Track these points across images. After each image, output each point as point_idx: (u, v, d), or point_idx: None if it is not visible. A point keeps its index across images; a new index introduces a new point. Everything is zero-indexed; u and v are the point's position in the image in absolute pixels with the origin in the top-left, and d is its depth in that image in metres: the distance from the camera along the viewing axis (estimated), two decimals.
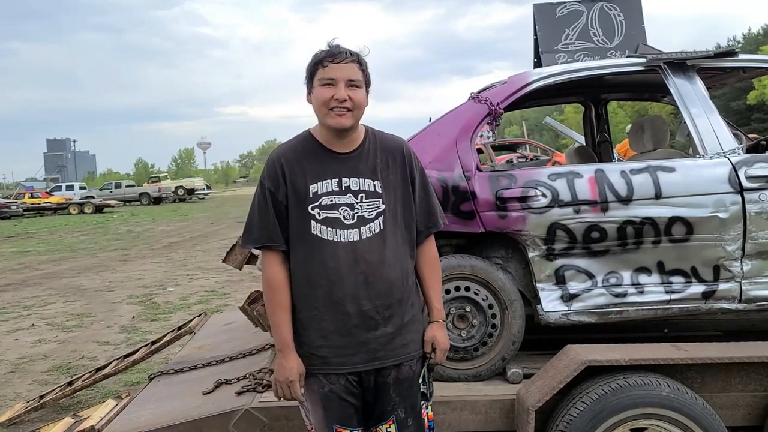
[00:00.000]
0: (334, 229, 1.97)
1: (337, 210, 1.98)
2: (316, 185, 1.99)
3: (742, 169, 2.96)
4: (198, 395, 3.12)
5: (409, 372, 2.05)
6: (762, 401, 2.64)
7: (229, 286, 9.07)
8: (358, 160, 2.02)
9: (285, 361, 2.00)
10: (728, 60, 3.28)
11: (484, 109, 3.13)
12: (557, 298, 3.01)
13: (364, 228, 1.98)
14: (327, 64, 1.95)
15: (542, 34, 3.84)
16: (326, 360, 2.00)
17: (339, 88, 1.94)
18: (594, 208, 2.94)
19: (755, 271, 2.99)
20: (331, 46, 1.98)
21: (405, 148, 2.10)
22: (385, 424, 2.05)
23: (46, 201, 34.71)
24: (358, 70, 1.97)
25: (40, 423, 4.09)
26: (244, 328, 4.16)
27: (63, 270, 11.80)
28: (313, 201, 1.98)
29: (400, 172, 2.06)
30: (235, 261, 3.85)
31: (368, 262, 1.97)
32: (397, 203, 2.03)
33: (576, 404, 2.51)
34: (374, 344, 1.99)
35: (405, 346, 2.04)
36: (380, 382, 2.02)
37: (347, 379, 2.00)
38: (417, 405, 2.07)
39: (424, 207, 2.10)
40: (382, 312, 1.99)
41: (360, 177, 2.01)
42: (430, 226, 2.12)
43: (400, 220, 2.04)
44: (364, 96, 1.99)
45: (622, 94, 4.56)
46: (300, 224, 1.99)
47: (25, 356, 5.98)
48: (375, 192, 2.00)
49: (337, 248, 1.96)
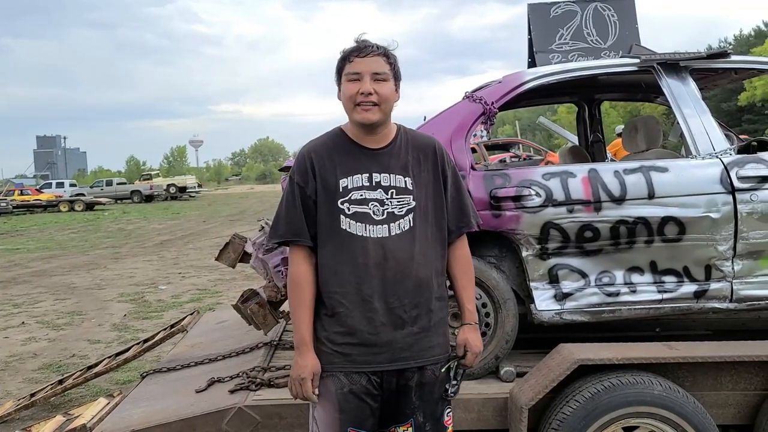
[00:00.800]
0: (364, 224, 1.94)
1: (366, 205, 1.95)
2: (346, 180, 1.96)
3: (734, 169, 2.99)
4: (191, 393, 3.11)
5: (432, 377, 2.00)
6: (752, 400, 2.67)
7: (222, 285, 9.04)
8: (390, 156, 1.99)
9: (300, 358, 1.97)
10: (720, 61, 3.31)
11: (479, 108, 3.14)
12: (550, 297, 3.02)
13: (394, 224, 1.95)
14: (353, 58, 1.93)
15: (536, 33, 3.86)
16: (351, 358, 1.95)
17: (364, 82, 1.91)
18: (587, 207, 2.96)
19: (746, 270, 3.01)
20: (357, 41, 1.96)
21: (437, 146, 2.07)
22: (403, 426, 2.01)
23: (36, 198, 34.46)
24: (385, 63, 1.94)
25: (30, 421, 4.06)
26: (237, 326, 4.15)
27: (53, 268, 11.74)
28: (343, 195, 1.95)
29: (432, 170, 2.03)
30: (228, 259, 3.85)
31: (397, 258, 1.93)
32: (428, 201, 2.00)
33: (569, 403, 2.53)
34: (400, 344, 1.95)
35: (430, 349, 2.00)
36: (402, 384, 1.98)
37: (369, 379, 1.95)
38: (437, 411, 2.02)
39: (457, 206, 2.07)
40: (410, 311, 1.95)
41: (391, 173, 1.97)
42: (462, 225, 2.08)
43: (431, 218, 2.01)
44: (391, 90, 1.95)
45: (615, 94, 4.58)
46: (329, 219, 1.96)
47: (15, 354, 5.94)
48: (406, 188, 1.97)
49: (366, 244, 1.93)
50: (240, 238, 3.78)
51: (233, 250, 3.77)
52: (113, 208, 32.97)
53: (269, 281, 3.26)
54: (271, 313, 3.24)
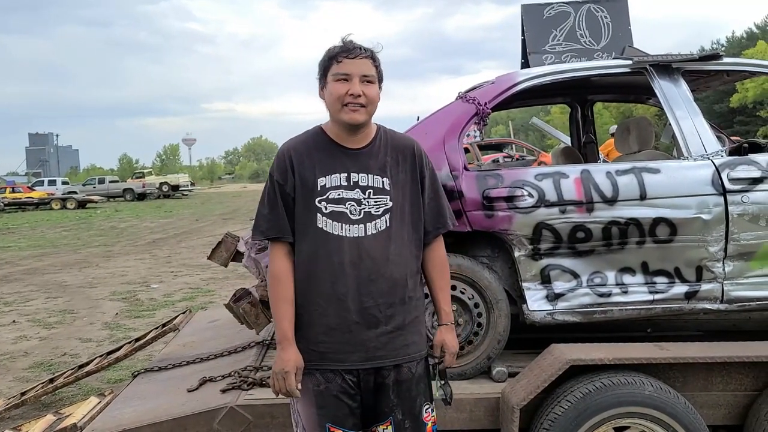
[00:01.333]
0: (340, 224, 1.96)
1: (344, 204, 1.97)
2: (324, 179, 1.99)
3: (725, 171, 3.00)
4: (182, 393, 3.10)
5: (408, 374, 2.02)
6: (742, 401, 2.68)
7: (214, 283, 9.02)
8: (369, 157, 2.02)
9: (283, 353, 1.98)
10: (712, 63, 3.32)
11: (472, 108, 3.14)
12: (542, 298, 3.03)
13: (370, 224, 1.97)
14: (341, 59, 1.94)
15: (530, 34, 3.87)
16: (324, 356, 1.98)
17: (353, 84, 1.93)
18: (579, 208, 2.96)
19: (737, 272, 3.03)
20: (345, 41, 1.98)
21: (416, 147, 2.10)
22: (383, 425, 2.03)
23: (27, 196, 34.26)
24: (372, 66, 1.97)
25: (21, 420, 4.03)
26: (229, 325, 4.14)
27: (45, 266, 11.68)
28: (321, 194, 1.98)
29: (410, 171, 2.05)
30: (220, 258, 3.84)
31: (372, 258, 1.95)
32: (405, 201, 2.03)
33: (560, 403, 2.53)
34: (374, 343, 1.97)
35: (405, 347, 2.02)
36: (379, 383, 2.00)
37: (344, 378, 1.97)
38: (415, 408, 2.04)
39: (434, 207, 2.09)
40: (384, 310, 1.97)
41: (369, 173, 2.00)
42: (439, 226, 2.10)
43: (407, 219, 2.03)
44: (377, 92, 1.99)
45: (608, 95, 4.59)
46: (306, 217, 1.98)
47: (5, 353, 5.90)
48: (383, 189, 2.00)
49: (341, 243, 1.95)
50: (232, 237, 3.77)
51: (226, 249, 3.77)
52: (105, 206, 32.84)
53: (261, 280, 3.25)
54: (263, 312, 3.23)
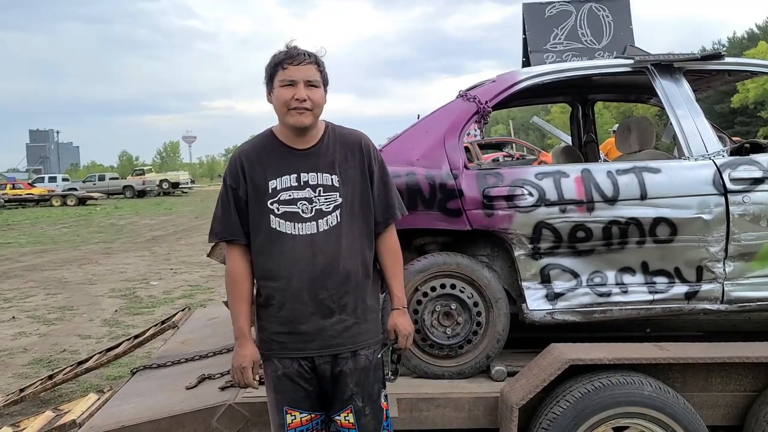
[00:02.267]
0: (293, 223, 2.05)
1: (295, 204, 2.06)
2: (275, 181, 2.07)
3: (727, 171, 3.00)
4: (181, 390, 3.10)
5: (365, 361, 2.12)
6: (742, 401, 2.68)
7: (213, 281, 9.01)
8: (317, 156, 2.10)
9: (240, 349, 2.12)
10: (714, 63, 3.32)
11: (473, 107, 3.14)
12: (542, 297, 3.02)
13: (322, 221, 2.06)
14: (286, 66, 2.02)
15: (531, 33, 3.85)
16: (284, 345, 2.09)
17: (299, 89, 2.02)
18: (580, 207, 2.96)
19: (737, 272, 3.02)
20: (289, 47, 2.06)
21: (363, 141, 2.17)
22: (344, 412, 2.13)
23: (28, 192, 34.29)
24: (316, 71, 2.05)
25: (19, 417, 4.03)
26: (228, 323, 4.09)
27: (44, 262, 11.68)
28: (272, 196, 2.07)
29: (359, 166, 2.13)
30: (219, 256, 3.82)
31: (325, 253, 2.04)
32: (354, 196, 2.11)
33: (559, 402, 2.53)
34: (330, 331, 2.07)
35: (360, 335, 2.11)
36: (337, 371, 2.10)
37: (300, 363, 2.09)
38: (374, 394, 2.15)
39: (382, 199, 2.17)
40: (338, 301, 2.07)
41: (318, 171, 2.08)
42: (388, 217, 2.19)
43: (357, 213, 2.11)
44: (322, 95, 2.07)
45: (609, 94, 4.59)
46: (259, 218, 2.08)
47: (5, 349, 5.90)
48: (332, 186, 2.08)
49: (295, 241, 2.05)
50: None
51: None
52: (105, 203, 32.83)
53: None
54: None
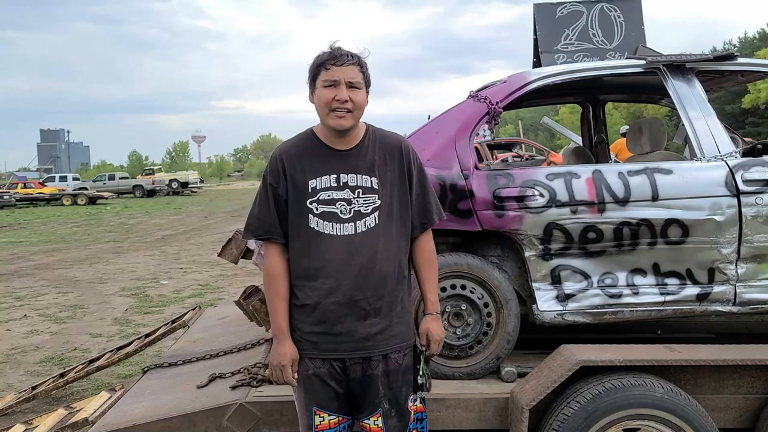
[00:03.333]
0: (331, 223, 2.05)
1: (334, 205, 2.06)
2: (314, 181, 2.07)
3: (739, 172, 2.98)
4: (192, 389, 3.12)
5: (395, 365, 2.11)
6: (754, 404, 2.66)
7: (223, 280, 9.05)
8: (357, 157, 2.10)
9: (279, 346, 2.11)
10: (727, 63, 3.30)
11: (484, 107, 3.13)
12: (553, 298, 3.02)
13: (360, 222, 2.05)
14: (329, 66, 2.02)
15: (542, 33, 3.85)
16: (317, 345, 2.09)
17: (340, 90, 2.01)
18: (591, 208, 2.95)
19: (750, 274, 3.00)
20: (332, 48, 2.06)
21: (403, 145, 2.18)
22: (373, 416, 2.12)
23: (38, 191, 34.56)
24: (359, 72, 2.05)
25: (32, 414, 4.06)
26: (238, 322, 4.15)
27: (55, 261, 11.76)
28: (312, 196, 2.06)
29: (398, 169, 2.13)
30: (230, 255, 3.85)
31: (362, 255, 2.04)
32: (393, 199, 2.10)
33: (570, 404, 2.53)
34: (363, 333, 2.07)
35: (393, 338, 2.11)
36: (368, 374, 2.09)
37: (331, 364, 2.08)
38: (401, 396, 2.14)
39: (420, 203, 2.17)
40: (373, 303, 2.06)
41: (358, 173, 2.08)
42: (425, 221, 2.18)
43: (395, 216, 2.11)
44: (364, 97, 2.07)
45: (620, 95, 4.56)
46: (298, 218, 2.07)
47: (17, 347, 5.95)
48: (371, 188, 2.08)
49: (332, 241, 2.04)
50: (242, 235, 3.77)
51: (236, 246, 3.77)
52: (115, 203, 33.01)
53: None
54: None
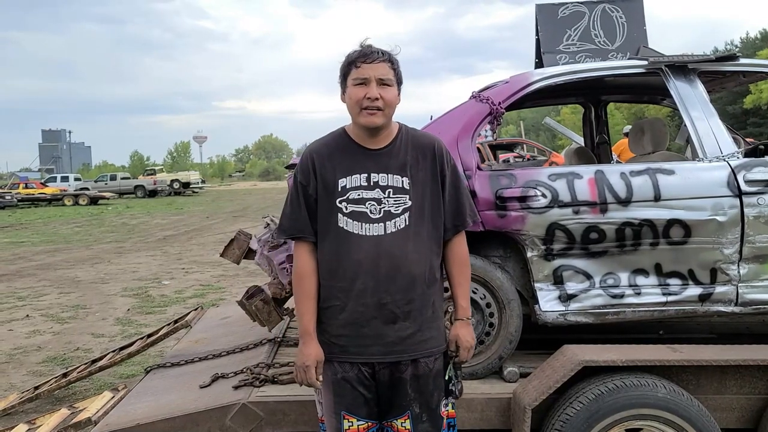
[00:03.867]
0: (360, 223, 2.02)
1: (364, 204, 2.03)
2: (345, 180, 2.05)
3: (741, 173, 2.98)
4: (195, 389, 3.12)
5: (425, 369, 2.07)
6: (756, 404, 2.66)
7: (225, 281, 9.06)
8: (389, 157, 2.07)
9: (304, 347, 2.06)
10: (729, 64, 3.30)
11: (486, 108, 3.14)
12: (555, 298, 3.02)
13: (390, 223, 2.02)
14: (360, 64, 2.00)
15: (544, 34, 3.85)
16: (345, 348, 2.05)
17: (371, 87, 1.99)
18: (593, 209, 2.95)
19: (752, 274, 3.00)
20: (363, 46, 2.03)
21: (437, 145, 2.13)
22: (401, 418, 2.08)
23: (40, 192, 34.59)
24: (390, 69, 2.02)
25: (35, 414, 4.08)
26: (240, 322, 4.16)
27: (57, 261, 11.77)
28: (341, 195, 2.04)
29: (430, 169, 2.09)
30: (232, 255, 3.85)
31: (391, 256, 2.00)
32: (424, 200, 2.06)
33: (572, 404, 2.53)
34: (392, 337, 2.02)
35: (423, 342, 2.06)
36: (396, 377, 2.05)
37: (360, 369, 2.04)
38: (432, 401, 2.09)
39: (453, 205, 2.12)
40: (402, 306, 2.02)
41: (389, 173, 2.05)
42: (458, 224, 2.14)
43: (427, 217, 2.06)
44: (395, 95, 2.04)
45: (622, 95, 4.57)
46: (328, 217, 2.05)
47: (19, 347, 5.96)
48: (402, 188, 2.04)
49: (361, 241, 2.01)
50: (245, 235, 3.78)
51: (238, 246, 3.78)
52: (117, 203, 33.06)
53: (274, 278, 3.27)
54: (275, 309, 3.24)
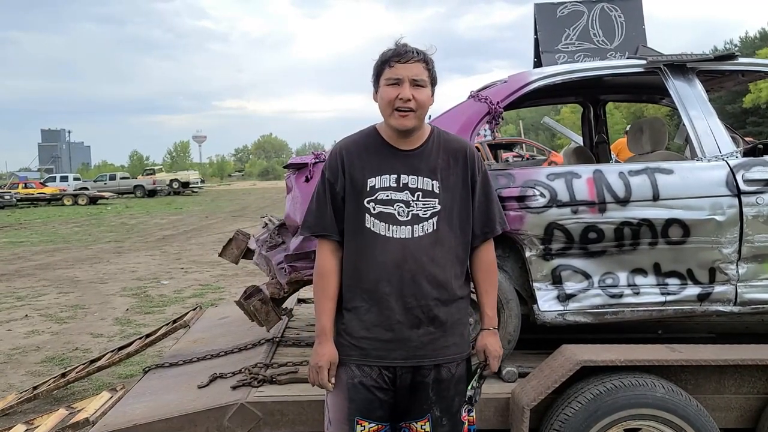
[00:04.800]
0: (387, 225, 1.98)
1: (392, 206, 1.99)
2: (374, 179, 2.00)
3: (740, 172, 2.98)
4: (193, 389, 3.11)
5: (448, 374, 2.03)
6: (755, 403, 2.66)
7: (224, 280, 9.06)
8: (420, 159, 2.02)
9: (319, 347, 2.03)
10: (728, 63, 3.30)
11: (484, 107, 3.13)
12: (553, 298, 3.02)
13: (417, 226, 1.98)
14: (393, 63, 1.95)
15: (543, 33, 3.85)
16: (366, 352, 2.00)
17: (404, 88, 1.94)
18: (592, 208, 2.95)
19: (751, 274, 3.00)
20: (397, 44, 1.98)
21: (469, 150, 2.09)
22: (421, 421, 2.04)
23: (39, 192, 34.57)
24: (424, 70, 1.97)
25: (33, 414, 4.07)
26: (239, 322, 4.15)
27: (56, 261, 11.76)
28: (370, 195, 2.00)
29: (461, 174, 2.05)
30: (231, 255, 3.85)
31: (417, 260, 1.96)
32: (454, 204, 2.03)
33: (571, 404, 2.53)
34: (416, 342, 1.99)
35: (446, 348, 2.03)
36: (418, 381, 2.01)
37: (380, 373, 2.00)
38: (453, 407, 2.05)
39: (483, 211, 2.08)
40: (427, 311, 1.98)
41: (419, 175, 2.01)
42: (487, 231, 2.10)
43: (455, 222, 2.03)
44: (428, 96, 1.99)
45: (620, 95, 4.56)
46: (355, 216, 2.01)
47: (18, 347, 5.96)
48: (432, 192, 2.00)
49: (388, 243, 1.97)
50: (243, 235, 3.78)
51: (237, 246, 3.78)
52: (116, 203, 33.04)
53: (272, 278, 3.26)
54: (273, 309, 3.24)
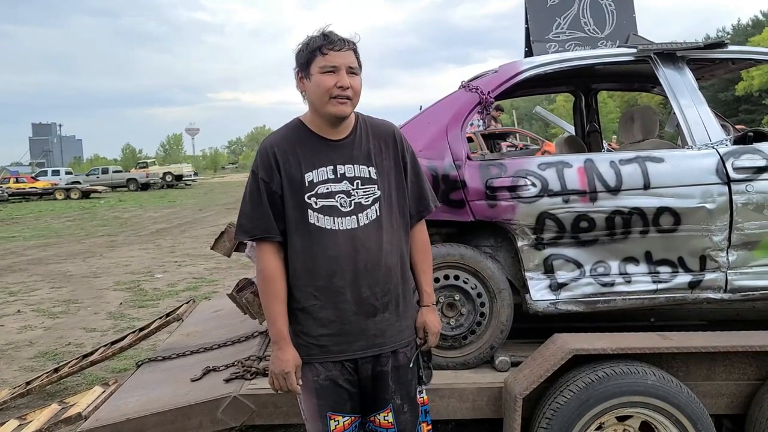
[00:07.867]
0: (332, 218, 1.96)
1: (333, 198, 1.97)
2: (311, 173, 1.97)
3: (730, 160, 2.98)
4: (186, 382, 3.12)
5: (404, 359, 2.06)
6: (745, 390, 2.68)
7: (218, 273, 9.04)
8: (352, 147, 2.01)
9: (281, 353, 2.00)
10: (718, 51, 3.29)
11: (475, 98, 3.13)
12: (545, 287, 3.03)
13: (362, 215, 1.98)
14: (327, 51, 1.92)
15: (533, 23, 3.83)
16: (326, 349, 2.00)
17: (341, 76, 1.92)
18: (583, 197, 2.95)
19: (741, 261, 3.02)
20: (326, 33, 1.96)
21: (396, 132, 2.11)
22: (383, 412, 2.06)
23: (31, 186, 34.36)
24: (355, 58, 1.97)
25: (26, 410, 4.06)
26: (232, 315, 4.15)
27: (49, 256, 11.71)
28: (309, 190, 1.97)
29: (393, 157, 2.06)
30: (223, 248, 3.84)
31: (367, 249, 1.97)
32: (391, 188, 2.04)
33: (563, 392, 2.54)
34: (373, 330, 2.00)
35: (402, 332, 2.06)
36: (378, 370, 2.03)
37: (344, 365, 2.00)
38: (412, 391, 2.09)
39: (416, 191, 2.11)
40: (381, 298, 2.00)
41: (355, 163, 2.00)
42: (422, 210, 2.13)
43: (394, 206, 2.04)
44: (360, 83, 1.99)
45: (612, 84, 4.56)
46: (297, 214, 1.97)
47: (10, 342, 5.94)
48: (370, 178, 2.00)
49: (336, 237, 1.96)
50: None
51: (228, 239, 3.75)
52: (109, 196, 32.88)
53: None
54: None
